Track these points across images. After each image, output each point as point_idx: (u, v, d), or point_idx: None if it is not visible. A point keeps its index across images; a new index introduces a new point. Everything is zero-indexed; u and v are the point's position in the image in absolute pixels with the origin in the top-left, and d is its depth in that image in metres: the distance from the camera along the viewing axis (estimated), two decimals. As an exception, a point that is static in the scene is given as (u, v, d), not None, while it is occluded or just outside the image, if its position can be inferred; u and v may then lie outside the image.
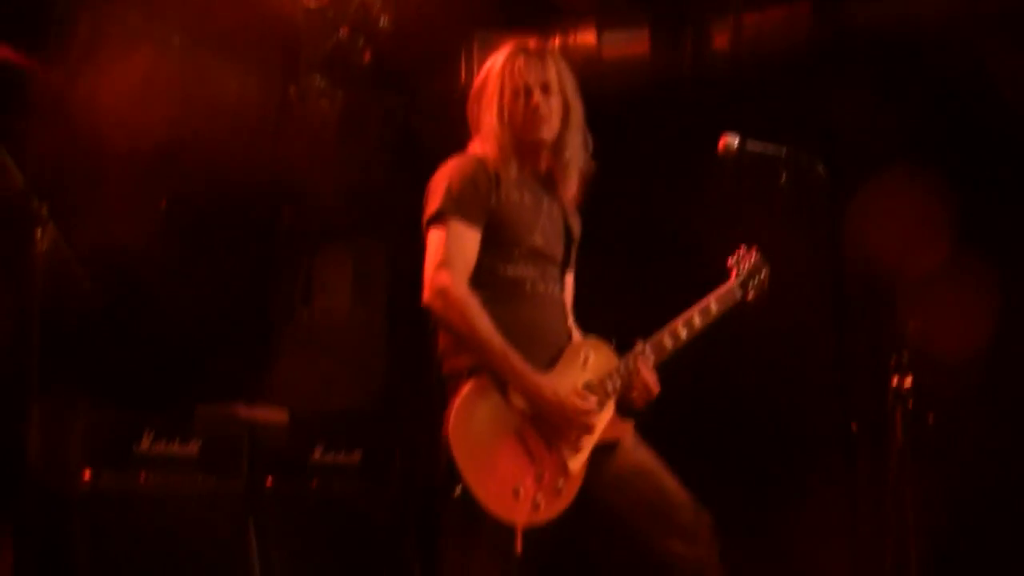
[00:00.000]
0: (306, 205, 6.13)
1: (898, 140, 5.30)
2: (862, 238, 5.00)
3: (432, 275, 3.54)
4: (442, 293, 3.50)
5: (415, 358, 5.79)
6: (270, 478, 4.98)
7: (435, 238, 3.57)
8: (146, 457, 4.61)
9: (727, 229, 4.29)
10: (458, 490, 3.39)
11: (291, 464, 5.10)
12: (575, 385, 3.61)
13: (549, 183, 3.76)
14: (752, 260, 4.04)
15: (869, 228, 5.12)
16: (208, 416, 4.89)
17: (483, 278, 3.59)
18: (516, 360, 3.50)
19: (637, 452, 3.71)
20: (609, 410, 3.68)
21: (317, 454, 5.20)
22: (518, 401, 3.52)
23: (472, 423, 3.47)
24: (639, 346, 3.74)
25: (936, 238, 5.18)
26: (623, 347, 3.75)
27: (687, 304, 3.84)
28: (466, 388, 3.49)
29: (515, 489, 3.45)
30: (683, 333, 3.79)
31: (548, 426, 3.54)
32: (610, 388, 3.67)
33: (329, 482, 5.19)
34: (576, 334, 3.78)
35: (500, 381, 3.51)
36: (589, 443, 3.61)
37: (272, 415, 5.15)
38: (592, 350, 3.70)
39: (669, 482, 3.67)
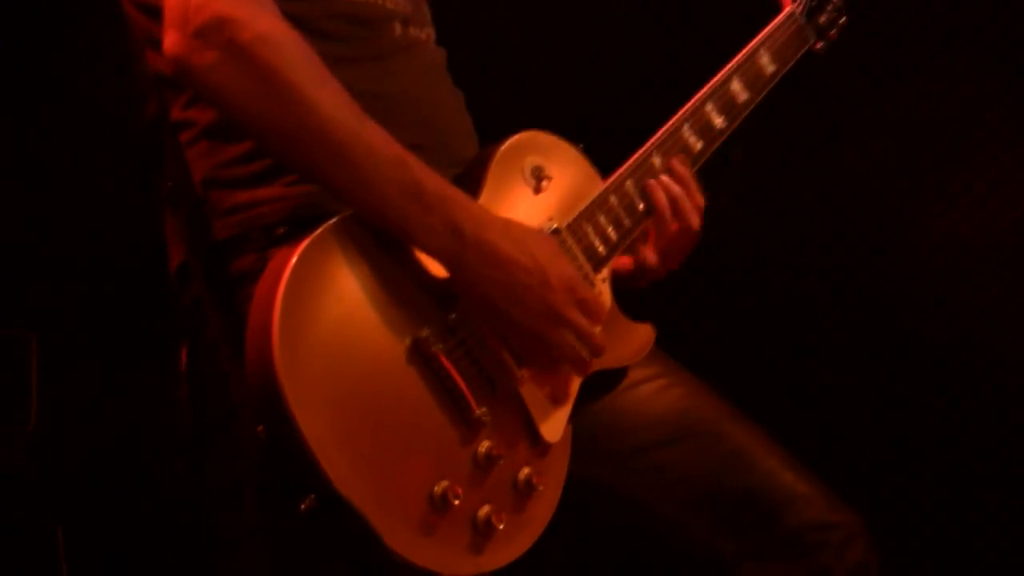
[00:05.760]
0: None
1: None
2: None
3: None
4: (228, 29, 1.67)
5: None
6: None
7: None
8: None
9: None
10: (307, 499, 1.65)
11: None
12: (544, 236, 1.89)
13: None
14: None
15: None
16: None
17: (307, 16, 1.85)
18: (427, 175, 1.76)
19: (670, 391, 2.09)
20: (605, 295, 2.00)
21: None
22: (431, 273, 1.77)
23: (324, 338, 1.67)
24: (661, 135, 2.05)
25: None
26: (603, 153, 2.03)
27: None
28: (303, 249, 1.67)
29: (435, 494, 1.72)
30: (722, 113, 2.11)
31: (496, 340, 1.81)
32: (607, 240, 1.97)
33: None
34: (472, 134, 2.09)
35: (378, 234, 1.74)
36: (578, 380, 1.92)
37: None
38: (542, 156, 1.96)
39: (757, 453, 2.05)
